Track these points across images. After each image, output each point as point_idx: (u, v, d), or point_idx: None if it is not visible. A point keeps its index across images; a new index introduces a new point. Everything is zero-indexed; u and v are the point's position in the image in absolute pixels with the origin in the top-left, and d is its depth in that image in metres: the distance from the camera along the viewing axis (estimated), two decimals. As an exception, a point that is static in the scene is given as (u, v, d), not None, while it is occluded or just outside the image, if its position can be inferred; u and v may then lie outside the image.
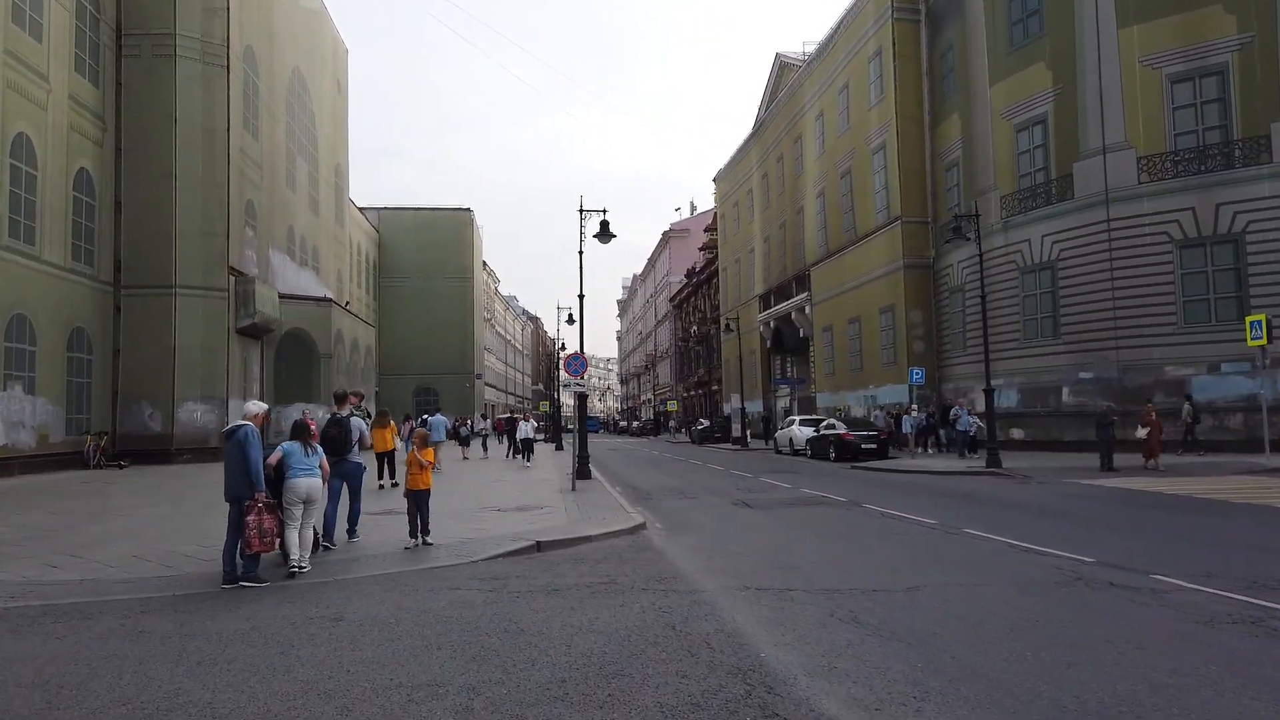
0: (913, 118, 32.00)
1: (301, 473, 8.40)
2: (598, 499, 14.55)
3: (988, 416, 20.50)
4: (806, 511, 13.16)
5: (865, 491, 16.10)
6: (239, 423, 7.99)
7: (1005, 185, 26.77)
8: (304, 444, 8.59)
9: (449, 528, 10.99)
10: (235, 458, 7.74)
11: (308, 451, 8.53)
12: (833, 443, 26.82)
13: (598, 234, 19.35)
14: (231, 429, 7.94)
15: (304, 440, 8.61)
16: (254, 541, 7.67)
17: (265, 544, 7.79)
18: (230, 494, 7.84)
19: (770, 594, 6.93)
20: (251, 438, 7.82)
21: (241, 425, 7.91)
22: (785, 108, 44.96)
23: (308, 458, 8.51)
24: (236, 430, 7.88)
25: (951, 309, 30.16)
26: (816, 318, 40.21)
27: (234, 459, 7.75)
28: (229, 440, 7.85)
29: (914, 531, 10.62)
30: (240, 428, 7.88)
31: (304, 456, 8.52)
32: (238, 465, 7.73)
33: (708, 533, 10.87)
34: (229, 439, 7.86)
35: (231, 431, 7.91)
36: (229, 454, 7.80)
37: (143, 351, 26.96)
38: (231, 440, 7.83)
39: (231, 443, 7.81)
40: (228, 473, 7.83)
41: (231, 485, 7.81)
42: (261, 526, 7.71)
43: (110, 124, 26.86)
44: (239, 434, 7.84)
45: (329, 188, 42.79)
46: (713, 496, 15.94)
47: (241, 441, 7.75)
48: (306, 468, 8.47)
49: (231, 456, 7.77)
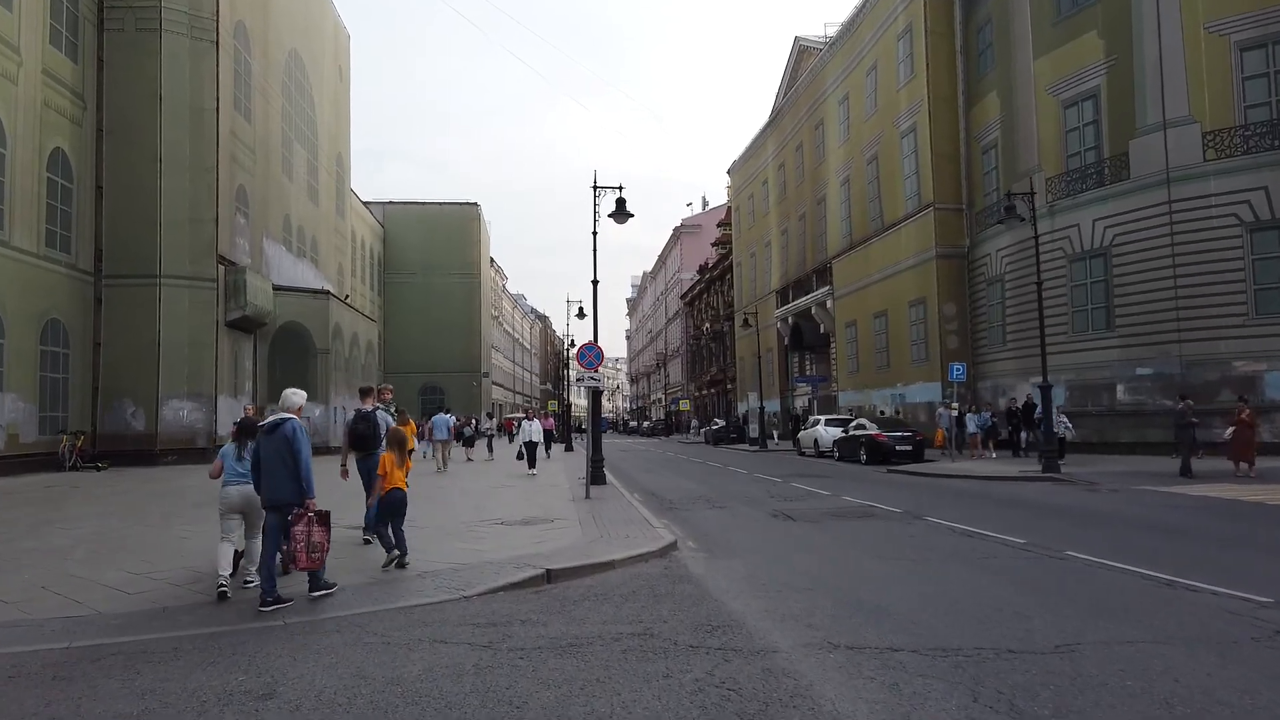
0: (945, 98, 30.00)
1: (234, 479, 7.20)
2: (616, 510, 12.66)
3: (1044, 415, 18.52)
4: (860, 526, 11.24)
5: (917, 500, 14.17)
6: (282, 416, 6.86)
7: (1051, 166, 24.75)
8: (240, 445, 7.30)
9: (441, 546, 9.12)
10: (280, 457, 6.65)
11: (242, 455, 7.23)
12: (864, 444, 24.88)
13: (613, 213, 17.48)
14: (273, 423, 6.80)
15: (241, 441, 7.31)
16: (300, 557, 6.65)
17: (314, 559, 6.75)
18: (271, 499, 6.75)
19: (869, 656, 5.03)
20: (301, 434, 6.77)
21: (286, 419, 6.81)
22: (805, 93, 42.97)
23: (241, 462, 7.22)
24: (281, 425, 6.75)
25: (989, 301, 28.15)
26: (839, 312, 38.23)
27: (278, 458, 6.66)
28: (269, 435, 6.74)
29: (1005, 555, 8.71)
30: (285, 422, 6.78)
31: (236, 461, 7.26)
32: (284, 466, 6.65)
33: (753, 555, 8.96)
34: (269, 434, 6.75)
35: (274, 426, 6.76)
36: (268, 452, 6.71)
37: (125, 345, 25.24)
38: (274, 436, 6.71)
39: (274, 439, 6.70)
40: (267, 475, 6.72)
41: (274, 489, 6.70)
42: (310, 540, 6.69)
43: (90, 102, 25.12)
44: (285, 429, 6.71)
45: (329, 177, 41.02)
46: (745, 506, 14.04)
47: (289, 438, 6.67)
48: (240, 474, 7.18)
49: (273, 456, 6.68)
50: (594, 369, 14.57)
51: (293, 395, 7.10)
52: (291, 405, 6.99)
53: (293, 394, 7.11)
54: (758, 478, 20.39)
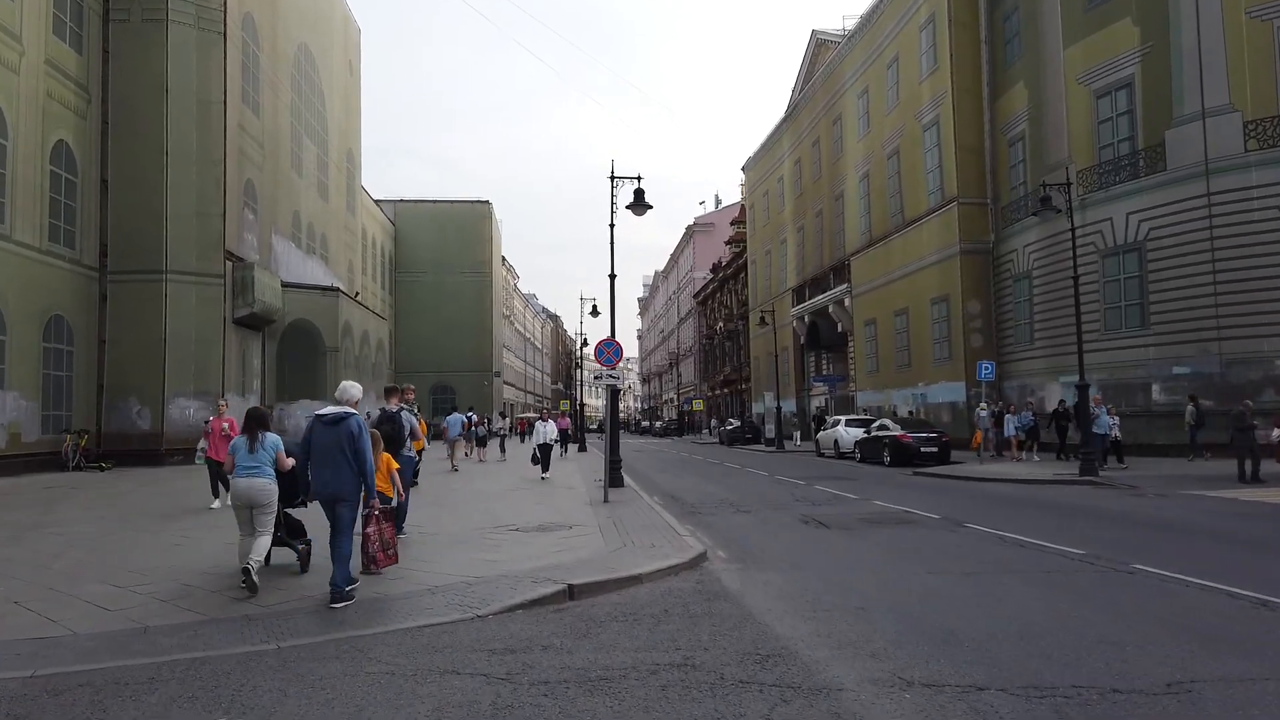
0: (970, 90, 29.18)
1: (243, 472, 6.95)
2: (637, 515, 11.97)
3: (1082, 416, 17.74)
4: (899, 534, 10.52)
5: (953, 505, 13.42)
6: (342, 410, 6.64)
7: (1082, 158, 23.92)
8: (250, 438, 7.04)
9: (453, 557, 8.45)
10: (341, 450, 6.47)
11: (253, 447, 7.01)
12: (887, 445, 24.11)
13: (632, 204, 16.78)
14: (337, 415, 6.59)
15: (251, 433, 7.06)
16: (380, 556, 6.81)
17: (390, 557, 6.99)
18: (328, 490, 6.56)
19: (952, 697, 4.32)
20: (365, 431, 6.64)
21: (350, 414, 6.61)
22: (823, 87, 42.18)
23: (252, 455, 6.99)
24: (346, 419, 6.53)
25: (1016, 298, 27.33)
26: (857, 311, 37.44)
27: (338, 451, 6.47)
28: (331, 427, 6.53)
29: (1066, 568, 7.97)
30: (350, 416, 6.57)
31: (247, 454, 7.00)
32: (344, 459, 6.47)
33: (791, 568, 8.25)
34: (331, 426, 6.53)
35: (339, 419, 6.55)
36: (327, 443, 6.50)
37: (130, 342, 24.68)
38: (337, 429, 6.50)
39: (336, 432, 6.49)
40: (323, 466, 6.51)
41: (331, 481, 6.51)
42: (384, 538, 6.84)
43: (95, 94, 24.60)
44: (350, 425, 6.51)
45: (339, 173, 40.47)
46: (771, 510, 13.32)
47: (355, 435, 6.49)
48: (250, 467, 6.95)
49: (332, 448, 6.48)
50: (612, 365, 13.85)
51: (351, 388, 6.89)
52: (352, 397, 6.79)
53: (352, 386, 6.92)
54: (780, 480, 19.66)
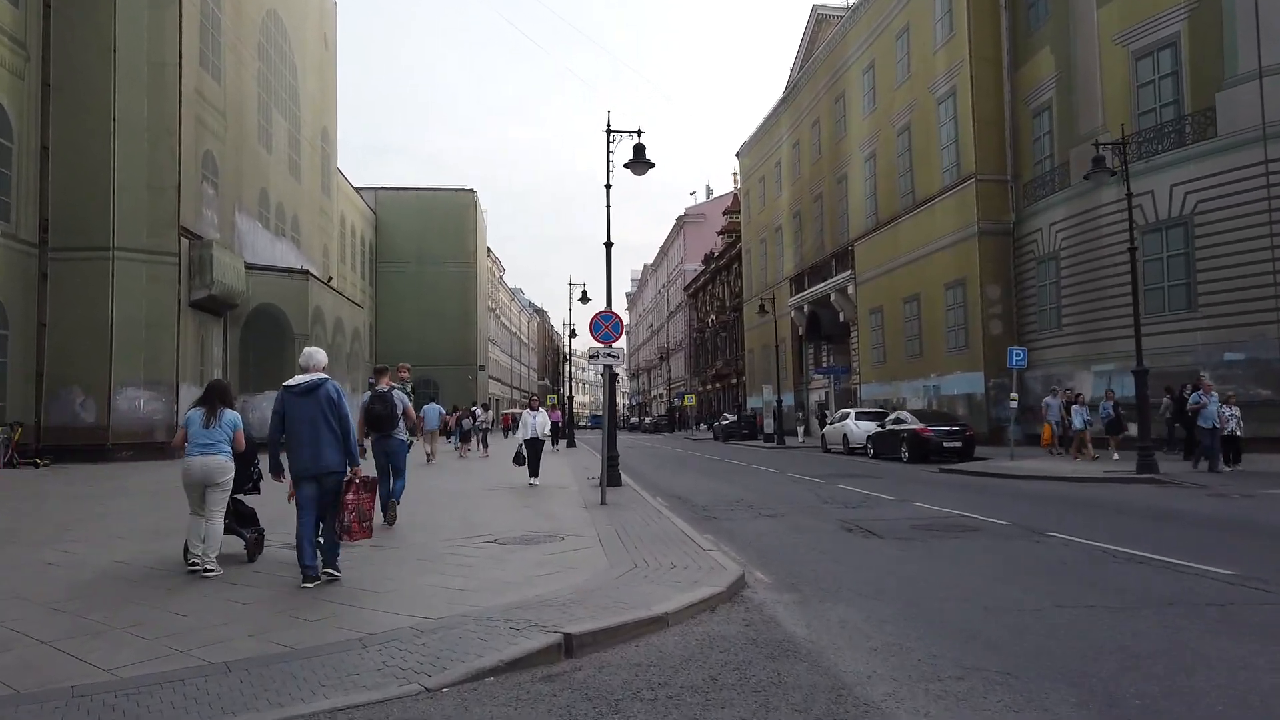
0: (989, 58, 27.13)
1: (197, 449, 6.49)
2: (643, 520, 9.83)
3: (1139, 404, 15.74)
4: (974, 546, 8.43)
5: (1013, 509, 11.33)
6: (318, 377, 6.24)
7: (1119, 127, 21.86)
8: (209, 412, 6.60)
9: (404, 583, 6.29)
10: (324, 421, 6.10)
11: (209, 422, 6.56)
12: (905, 440, 22.09)
13: (630, 162, 14.63)
14: (310, 384, 6.18)
15: (210, 406, 6.63)
16: (354, 528, 6.26)
17: (366, 529, 6.44)
18: (314, 468, 6.09)
19: None
20: (343, 395, 6.29)
21: (324, 379, 6.25)
22: (824, 65, 40.07)
23: (207, 431, 6.53)
24: (320, 386, 6.17)
25: (1040, 281, 25.33)
26: (861, 298, 35.42)
27: (321, 423, 6.09)
28: (304, 397, 6.13)
29: (1240, 599, 5.90)
30: (324, 382, 6.22)
31: (202, 429, 6.54)
32: (328, 431, 6.11)
33: (866, 597, 6.11)
34: (303, 396, 6.14)
35: (311, 387, 6.16)
36: (304, 417, 6.10)
37: (73, 326, 22.31)
38: (311, 399, 6.12)
39: (311, 402, 6.11)
40: (304, 443, 6.09)
41: (318, 457, 6.06)
42: (361, 508, 6.31)
43: (35, 52, 22.20)
44: (327, 390, 6.17)
45: (313, 151, 38.06)
46: (800, 514, 11.21)
47: (335, 400, 6.15)
48: (204, 443, 6.50)
49: (312, 420, 6.10)
50: (611, 341, 11.59)
51: (317, 353, 6.43)
52: (318, 363, 6.34)
53: (316, 351, 6.45)
54: (794, 478, 17.58)
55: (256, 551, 7.12)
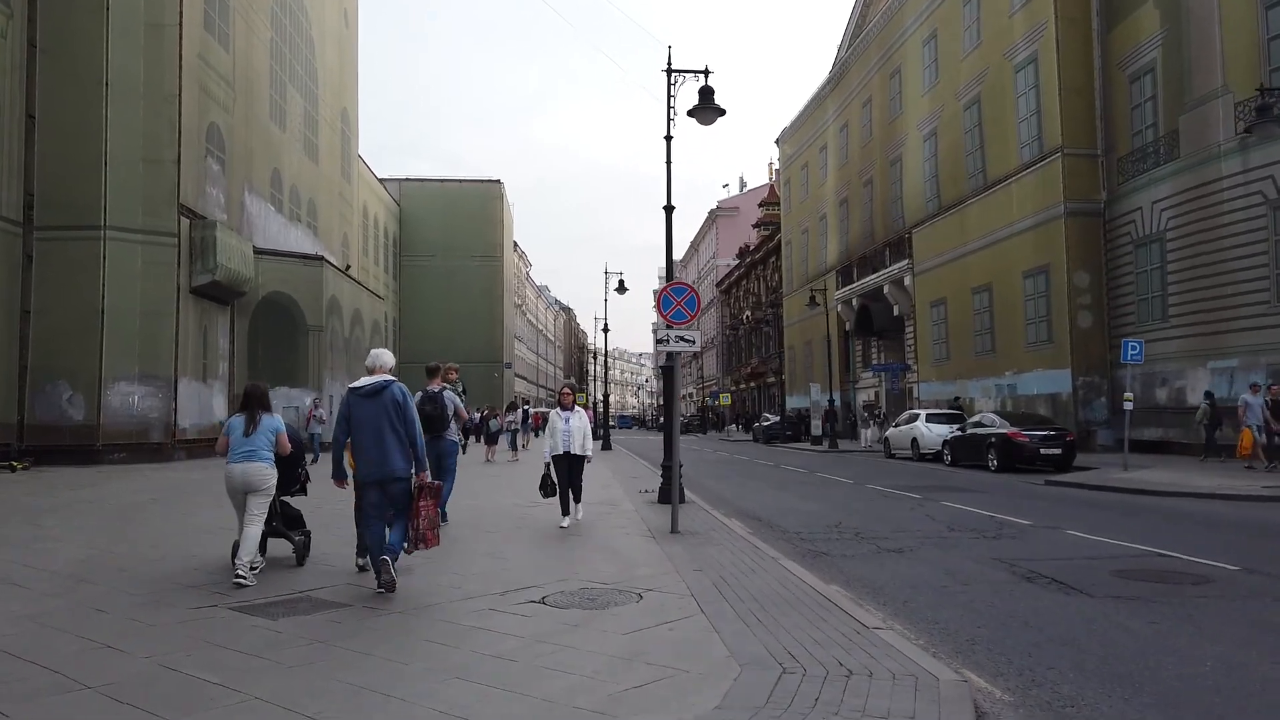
0: (1077, 19, 24.22)
1: (237, 456, 6.27)
2: (737, 561, 7.23)
3: None
4: (1230, 610, 5.76)
5: (1207, 542, 8.62)
6: (381, 379, 5.98)
7: (1243, 88, 18.92)
8: (248, 419, 6.38)
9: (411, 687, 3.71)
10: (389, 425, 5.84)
11: (250, 429, 6.34)
12: (994, 445, 19.32)
13: (694, 109, 12.03)
14: (376, 385, 5.93)
15: (250, 413, 6.40)
16: (429, 535, 5.95)
17: (436, 537, 6.10)
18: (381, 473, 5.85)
19: None
20: (410, 398, 6.09)
21: (391, 381, 6.00)
22: (877, 39, 37.20)
23: (247, 438, 6.31)
24: (387, 388, 5.94)
25: (1139, 267, 22.41)
26: (919, 290, 32.58)
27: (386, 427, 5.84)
28: (370, 399, 5.90)
29: None
30: (390, 384, 5.96)
31: (243, 436, 6.32)
32: (394, 435, 5.85)
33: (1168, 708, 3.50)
34: (370, 398, 5.90)
35: (378, 389, 5.92)
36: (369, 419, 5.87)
37: (61, 314, 20.15)
38: (377, 401, 5.88)
39: (378, 404, 5.88)
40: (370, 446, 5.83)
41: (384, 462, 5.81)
42: (431, 515, 5.98)
43: (19, 9, 20.03)
44: (393, 393, 5.93)
45: (332, 133, 35.84)
46: (934, 549, 8.55)
47: (401, 404, 5.92)
48: (244, 450, 6.27)
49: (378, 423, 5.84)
50: (685, 321, 8.83)
51: (384, 354, 6.25)
52: (385, 363, 6.16)
53: (383, 353, 6.29)
54: (879, 491, 14.92)
55: (304, 554, 6.98)
